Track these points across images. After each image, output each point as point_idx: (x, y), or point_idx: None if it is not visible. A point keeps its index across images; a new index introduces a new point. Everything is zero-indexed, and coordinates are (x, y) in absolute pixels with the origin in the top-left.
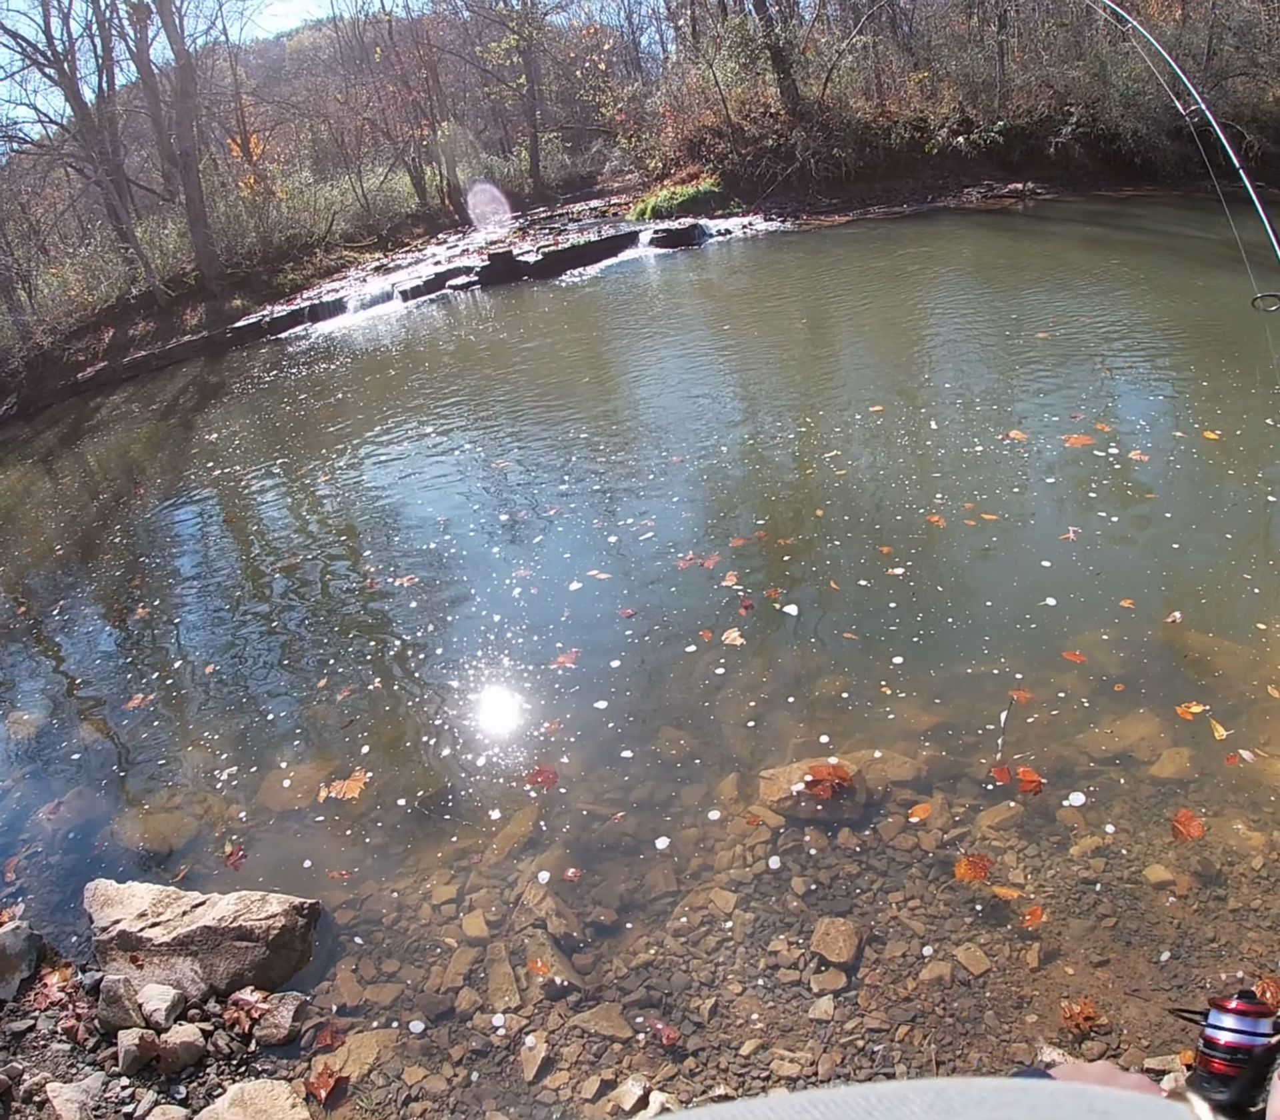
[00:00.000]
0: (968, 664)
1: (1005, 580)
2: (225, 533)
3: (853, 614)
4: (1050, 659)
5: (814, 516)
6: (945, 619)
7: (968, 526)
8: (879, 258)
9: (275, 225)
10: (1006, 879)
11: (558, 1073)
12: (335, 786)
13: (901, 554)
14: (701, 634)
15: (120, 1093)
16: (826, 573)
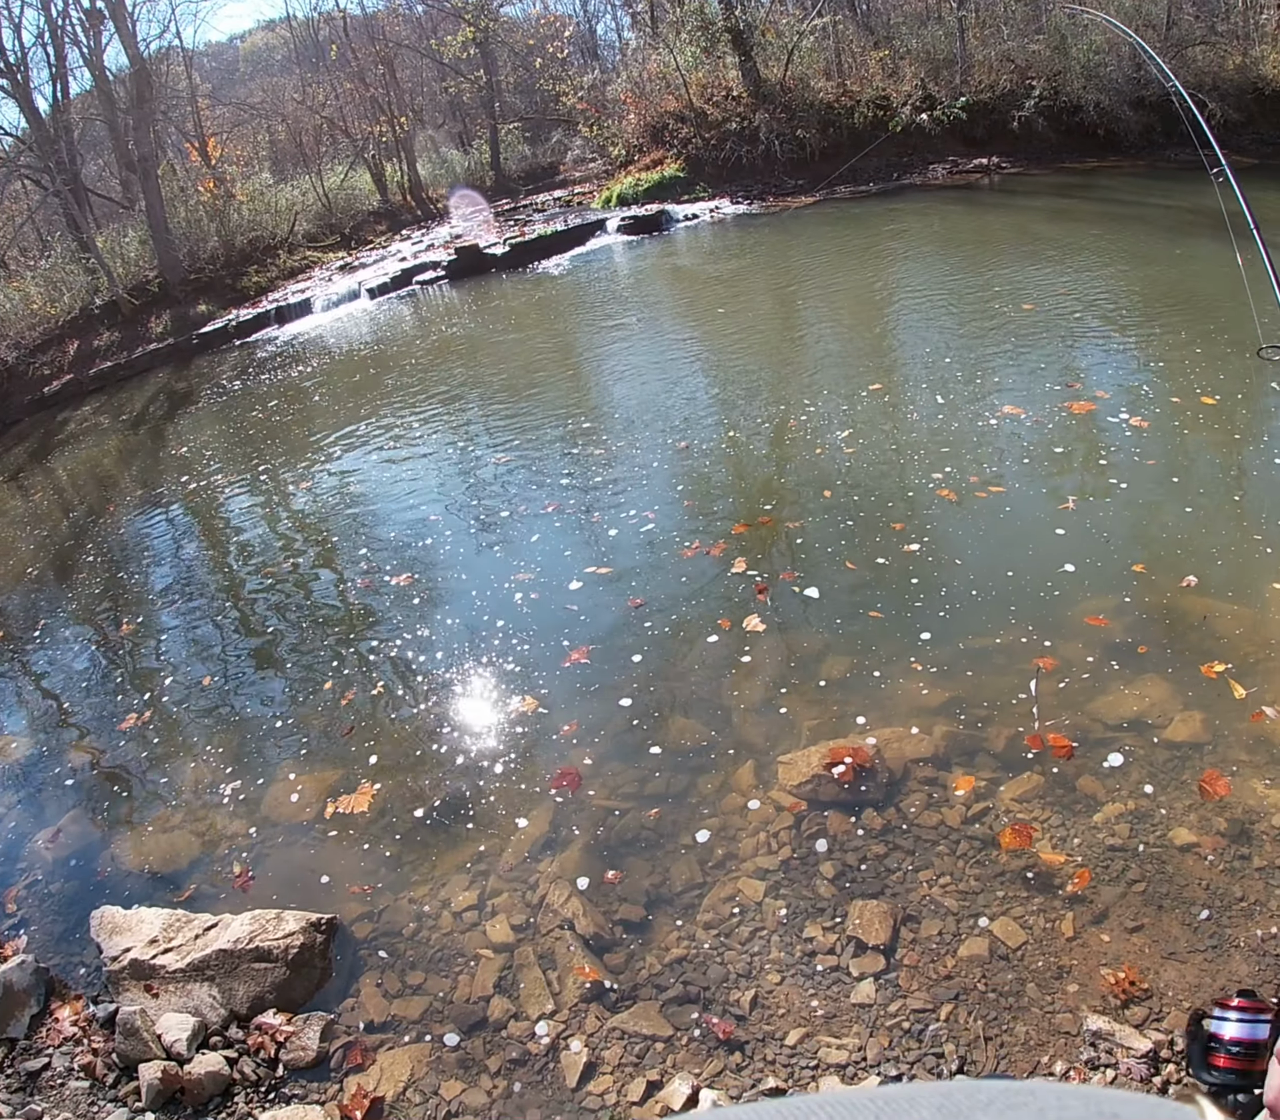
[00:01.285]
0: (995, 635)
1: (1022, 550)
2: (204, 543)
3: (876, 592)
4: (1074, 625)
5: (822, 498)
6: (970, 591)
7: (978, 499)
8: (849, 236)
9: (237, 228)
10: (1034, 850)
11: (601, 1077)
12: (343, 801)
13: (916, 530)
14: (720, 622)
15: None
16: (841, 553)
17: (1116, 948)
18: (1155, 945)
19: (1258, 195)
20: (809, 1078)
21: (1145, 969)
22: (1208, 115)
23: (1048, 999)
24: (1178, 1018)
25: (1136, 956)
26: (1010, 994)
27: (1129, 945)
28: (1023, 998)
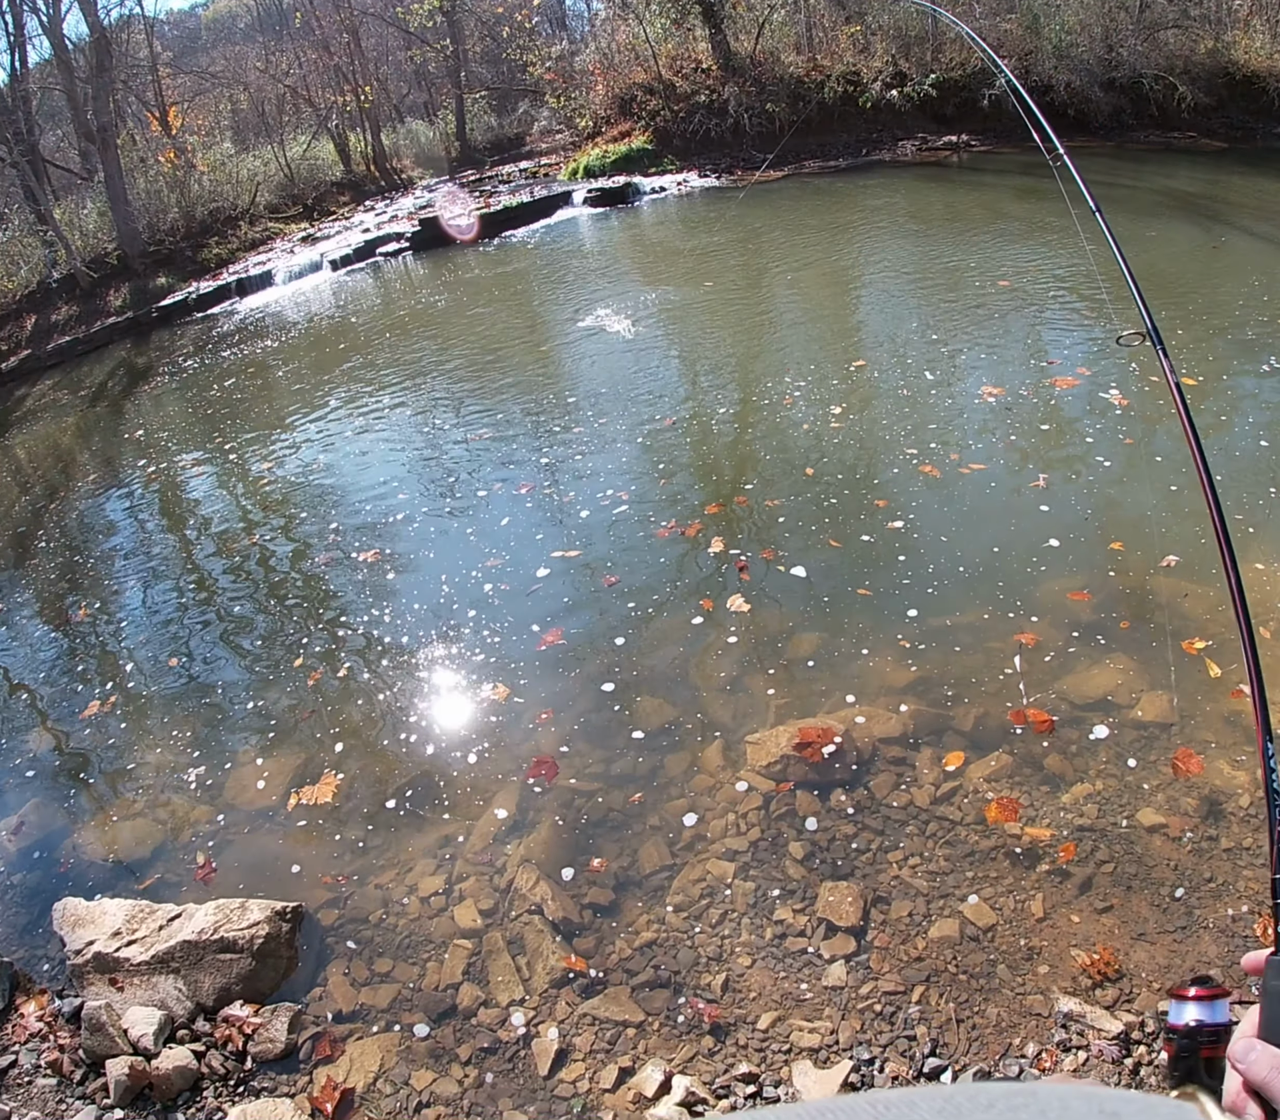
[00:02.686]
0: (980, 611)
1: (1005, 526)
2: (165, 522)
3: (863, 570)
4: (1056, 600)
5: (804, 475)
6: (958, 568)
7: (962, 475)
8: (819, 212)
9: (197, 199)
10: (1002, 830)
11: (573, 1064)
12: (305, 792)
13: (900, 507)
14: (702, 603)
15: None
16: (825, 531)
17: (1086, 928)
18: (1125, 926)
19: (1224, 179)
20: (782, 1062)
21: (1115, 950)
22: (1177, 99)
23: (1019, 980)
24: (1148, 999)
25: (1106, 937)
26: (981, 975)
27: (1099, 926)
28: (994, 979)
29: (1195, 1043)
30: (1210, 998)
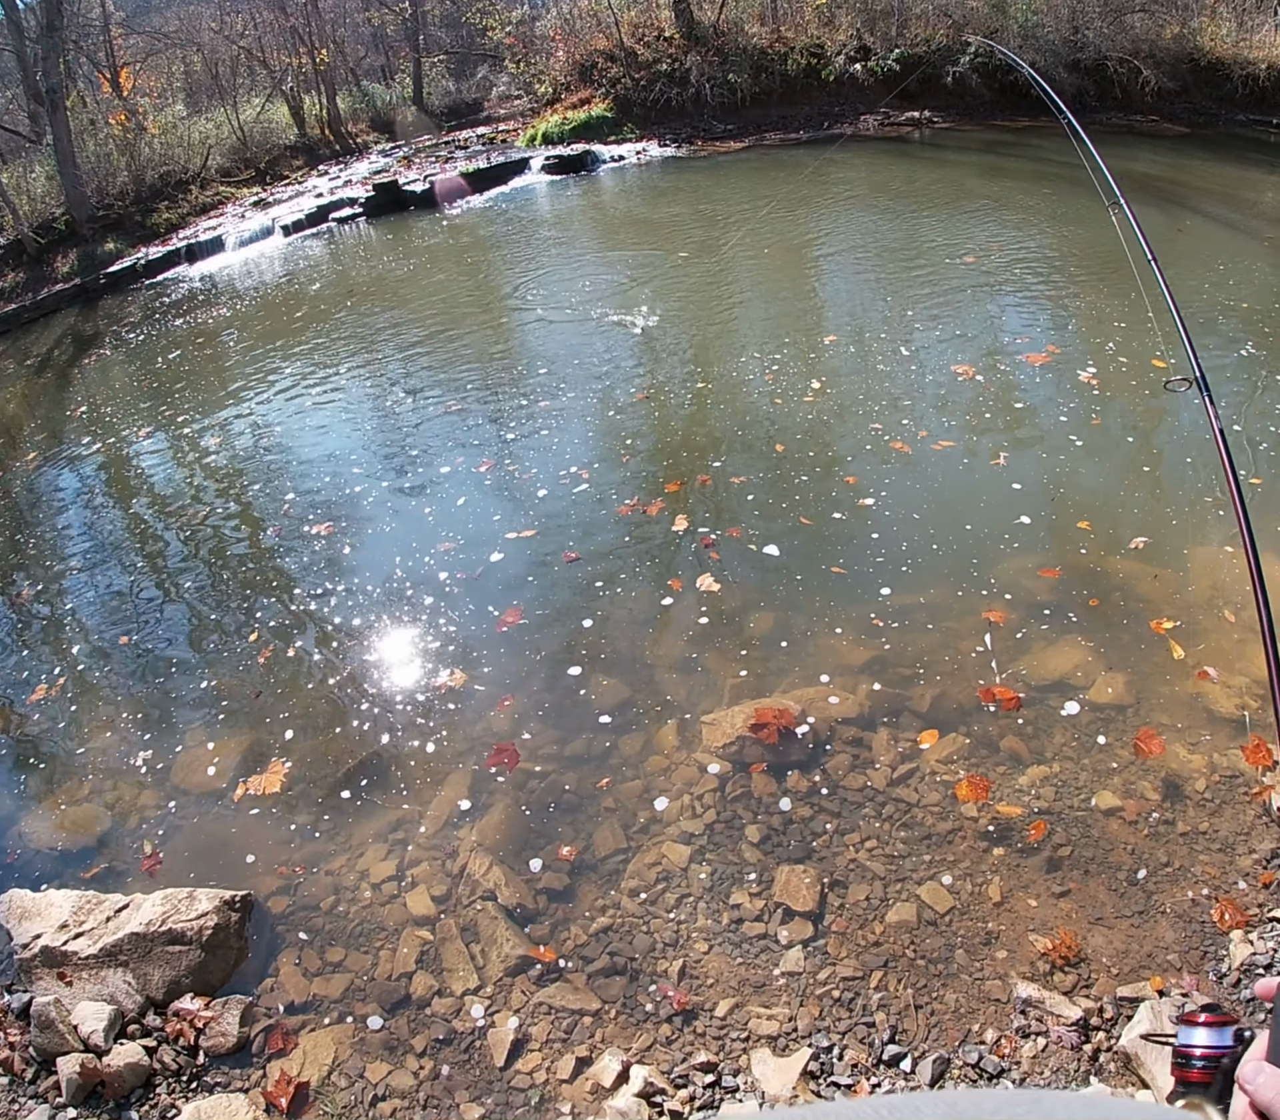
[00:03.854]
0: (949, 589)
1: (976, 504)
2: (113, 498)
3: (836, 548)
4: (1026, 578)
5: (775, 452)
6: (932, 546)
7: (932, 452)
8: (780, 184)
9: (148, 162)
10: (959, 813)
11: (529, 1055)
12: (253, 781)
13: (873, 484)
14: (671, 583)
15: None
16: (797, 509)
17: (1044, 913)
18: (1082, 911)
19: (1186, 163)
20: (740, 1050)
21: (1074, 935)
22: (1141, 82)
23: (977, 965)
24: (1106, 984)
25: (1064, 922)
26: (939, 961)
27: (1056, 910)
28: (952, 964)
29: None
30: (1220, 1024)
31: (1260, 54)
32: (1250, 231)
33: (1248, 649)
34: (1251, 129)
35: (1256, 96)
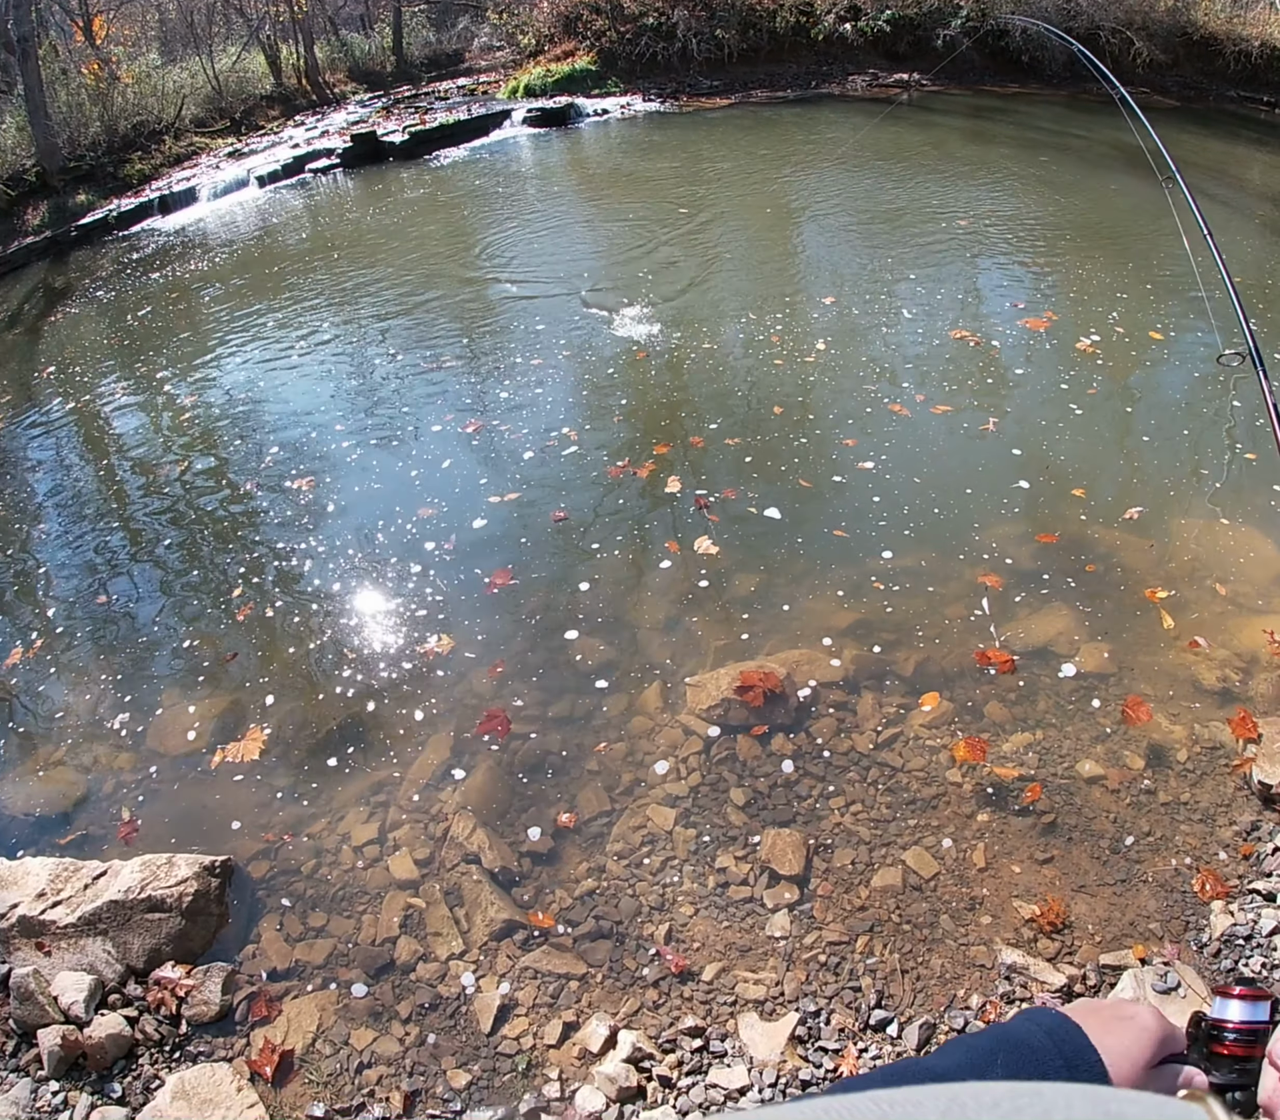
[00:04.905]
0: (958, 551)
1: (976, 468)
2: (87, 456)
3: (838, 510)
4: (1024, 544)
5: (773, 414)
6: (933, 510)
7: (932, 415)
8: (766, 142)
9: (121, 113)
10: (944, 778)
11: (516, 1020)
12: (231, 748)
13: (872, 447)
14: (668, 545)
15: (52, 1100)
16: (796, 471)
17: (1028, 879)
18: (1065, 878)
19: (1175, 136)
20: (728, 1015)
21: (1060, 902)
22: (1133, 54)
23: (961, 931)
24: (1089, 952)
25: (1047, 888)
26: (924, 926)
27: (1040, 877)
28: (937, 930)
29: (1242, 1038)
30: (1255, 998)
31: (1253, 31)
32: (1241, 208)
33: (1236, 621)
34: (1242, 105)
35: (1248, 73)
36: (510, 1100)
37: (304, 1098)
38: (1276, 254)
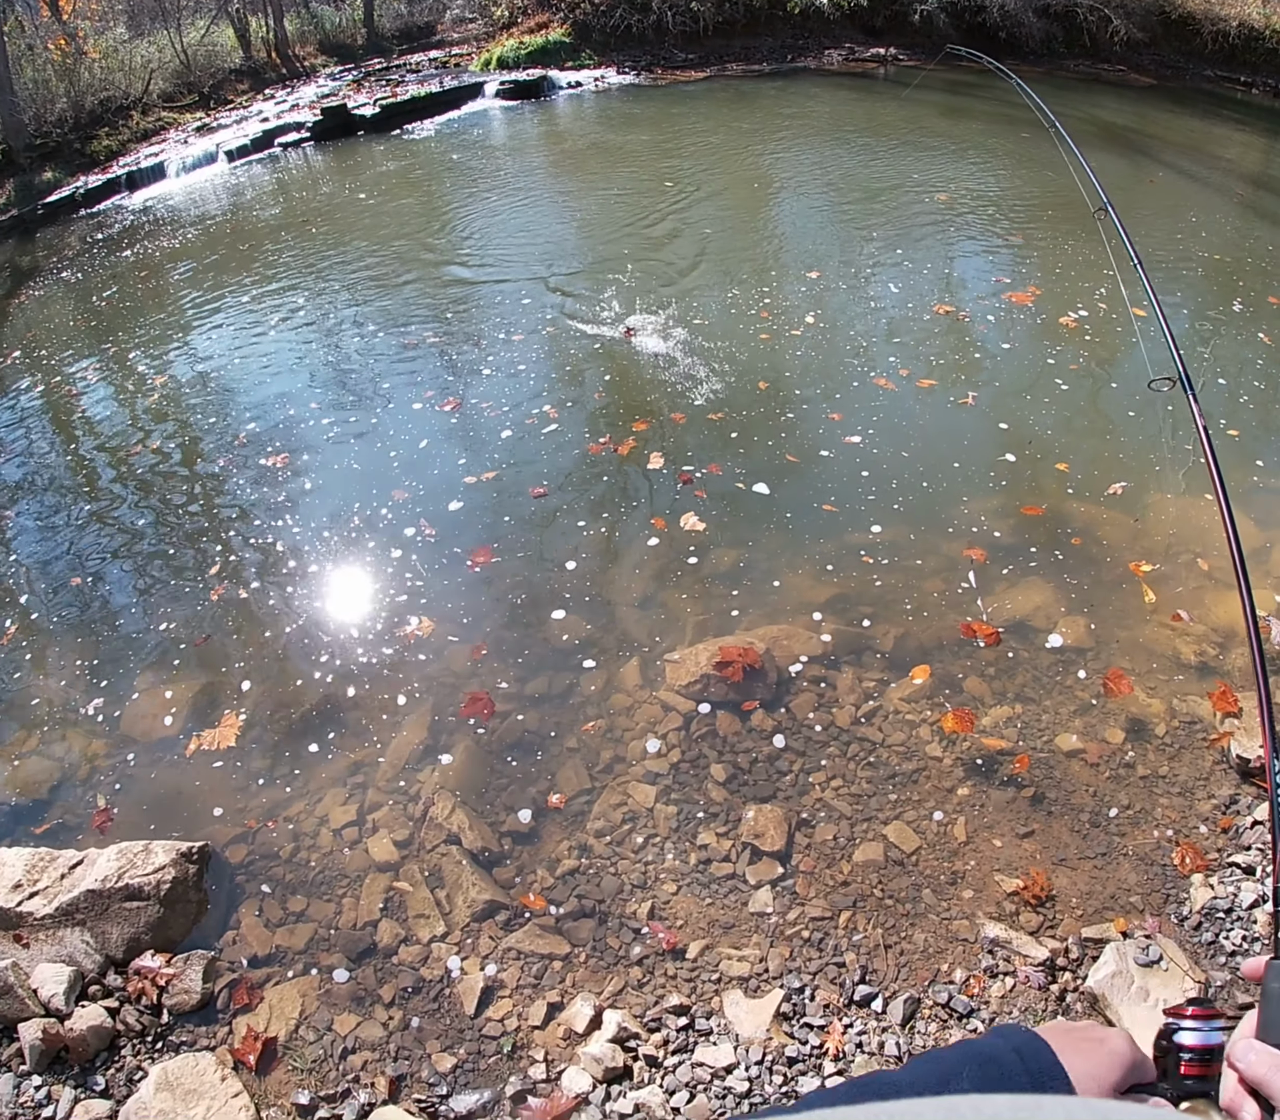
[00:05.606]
0: (948, 526)
1: (962, 442)
2: (56, 439)
3: (826, 485)
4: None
5: (758, 389)
6: (922, 483)
7: (918, 389)
8: (742, 116)
9: (88, 88)
10: (924, 752)
11: (500, 1001)
12: (207, 735)
13: (860, 421)
14: (654, 522)
15: (35, 1094)
16: (783, 446)
17: (1009, 853)
18: (1046, 852)
19: (1151, 114)
20: (712, 992)
21: (1043, 875)
22: (1110, 31)
23: (944, 905)
24: (1071, 925)
25: (1029, 862)
26: (907, 900)
27: (1020, 851)
28: (919, 904)
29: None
30: (1205, 1017)
31: (1232, 11)
32: (1218, 186)
33: (1215, 596)
34: (1219, 85)
35: (1225, 53)
36: (496, 1083)
37: (288, 1085)
38: (1255, 232)
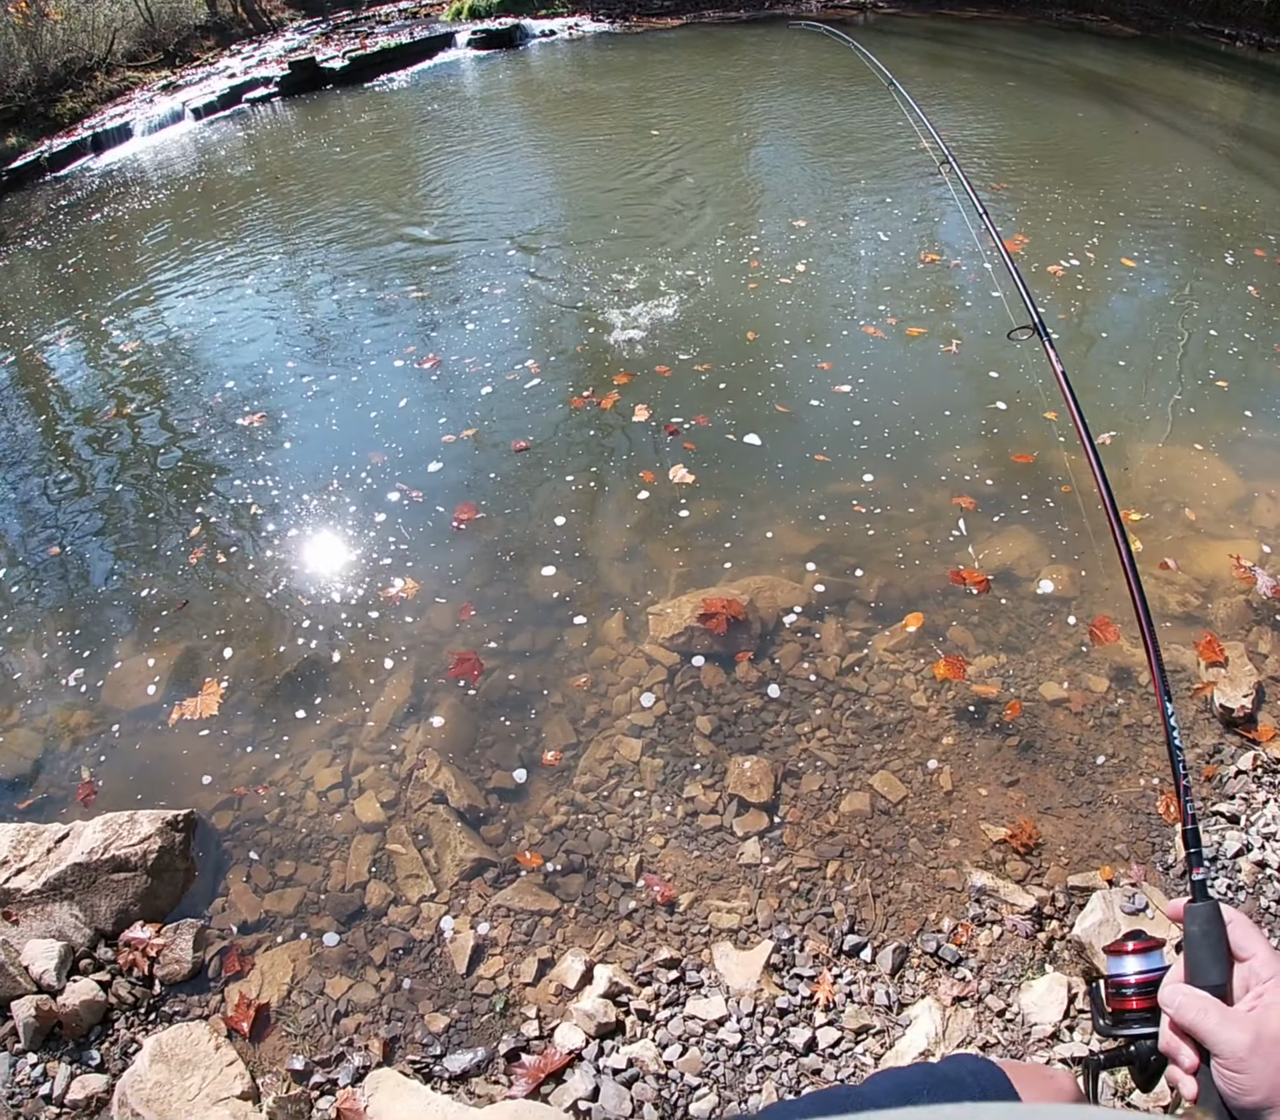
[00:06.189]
0: (940, 474)
1: (954, 390)
2: (26, 406)
3: (817, 435)
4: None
5: (745, 340)
6: (914, 432)
7: (908, 338)
8: (719, 64)
9: (50, 51)
10: (909, 702)
11: (491, 959)
12: (189, 705)
13: (850, 370)
14: (643, 475)
15: (31, 1073)
16: (772, 396)
17: (995, 802)
18: (1032, 800)
19: (1134, 65)
20: (702, 945)
21: (1031, 823)
22: None
23: (931, 854)
24: (1057, 874)
25: (1014, 811)
26: (894, 850)
27: (1006, 800)
28: (906, 853)
29: (1143, 991)
30: (1147, 949)
31: None
32: (1204, 138)
33: (1199, 546)
34: (1203, 37)
35: (1210, 5)
36: (489, 1041)
37: (283, 1051)
38: (1240, 186)
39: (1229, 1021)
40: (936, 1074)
